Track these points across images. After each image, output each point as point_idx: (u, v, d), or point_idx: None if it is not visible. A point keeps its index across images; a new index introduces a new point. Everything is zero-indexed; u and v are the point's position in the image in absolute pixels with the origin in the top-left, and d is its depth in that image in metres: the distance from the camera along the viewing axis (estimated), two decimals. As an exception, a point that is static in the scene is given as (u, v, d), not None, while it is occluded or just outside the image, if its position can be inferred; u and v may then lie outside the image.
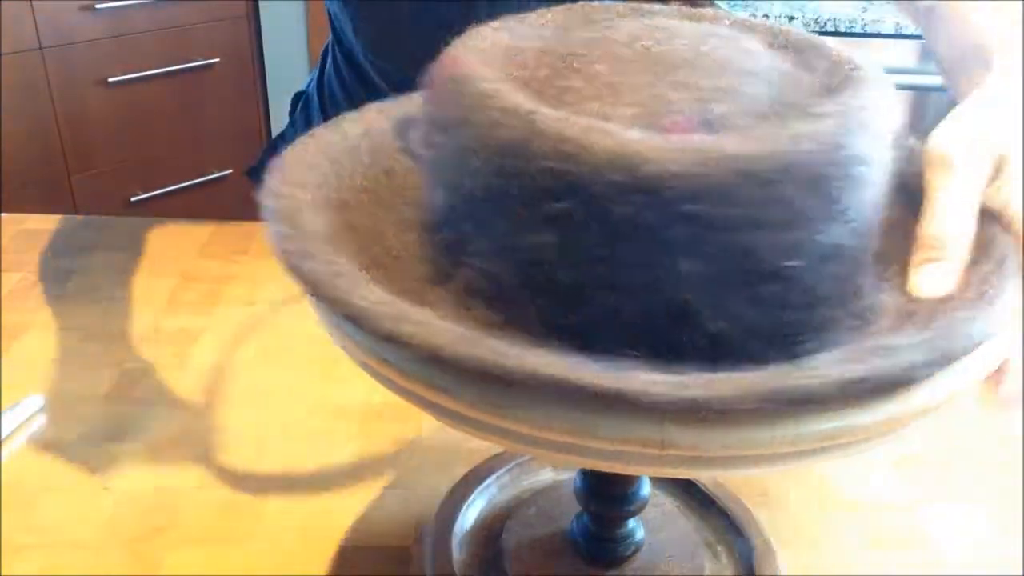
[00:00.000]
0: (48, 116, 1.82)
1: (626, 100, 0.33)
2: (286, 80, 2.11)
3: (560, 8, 0.41)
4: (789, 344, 0.32)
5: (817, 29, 1.78)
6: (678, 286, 0.31)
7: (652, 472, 0.33)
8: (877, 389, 0.28)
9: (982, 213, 0.37)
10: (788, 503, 0.57)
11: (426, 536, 0.50)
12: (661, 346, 0.31)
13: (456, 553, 0.48)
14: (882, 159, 0.34)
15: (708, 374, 0.28)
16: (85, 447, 0.60)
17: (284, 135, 0.97)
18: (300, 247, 0.33)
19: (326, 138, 0.41)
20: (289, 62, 2.16)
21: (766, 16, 1.84)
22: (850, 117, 0.32)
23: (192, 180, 2.07)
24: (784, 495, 0.57)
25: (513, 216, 0.32)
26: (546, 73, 0.35)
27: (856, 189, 0.33)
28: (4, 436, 0.60)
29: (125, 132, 1.94)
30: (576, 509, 0.48)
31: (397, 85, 0.44)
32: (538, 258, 0.32)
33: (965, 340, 0.30)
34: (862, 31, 1.77)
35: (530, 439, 0.30)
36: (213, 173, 2.10)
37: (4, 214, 0.89)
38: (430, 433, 0.62)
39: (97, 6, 1.82)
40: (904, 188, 0.38)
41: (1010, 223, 0.37)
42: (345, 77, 0.86)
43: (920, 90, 1.70)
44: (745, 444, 0.29)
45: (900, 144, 0.37)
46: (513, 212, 0.32)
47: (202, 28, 2.00)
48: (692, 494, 0.53)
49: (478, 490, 0.52)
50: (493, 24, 0.39)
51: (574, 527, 0.48)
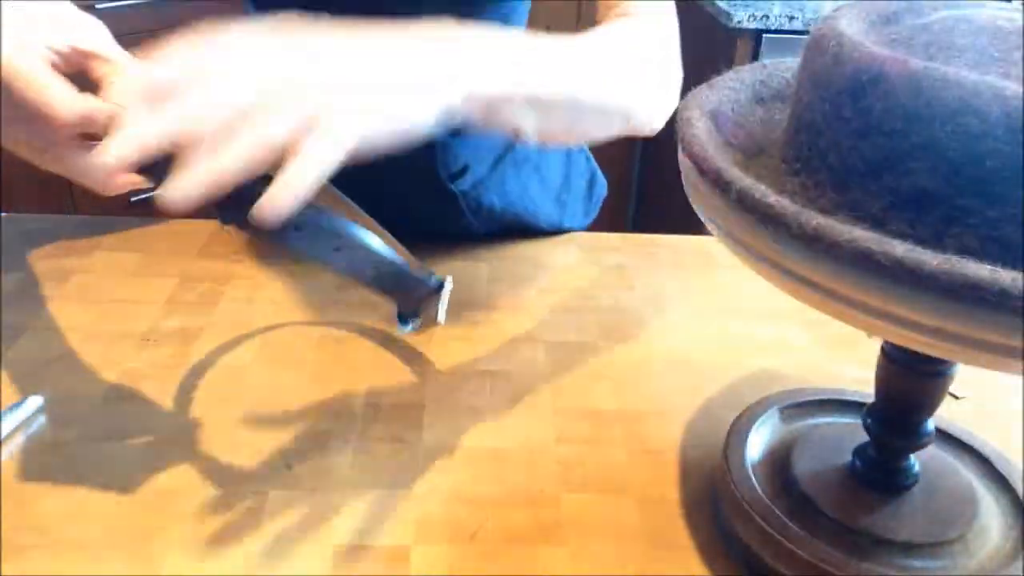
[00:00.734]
0: (48, 116, 1.82)
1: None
2: (286, 80, 2.10)
3: None
4: None
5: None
6: None
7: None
8: None
9: None
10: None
11: (729, 463, 0.55)
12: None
13: (753, 480, 0.54)
14: None
15: None
16: (85, 447, 0.60)
17: None
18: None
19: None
20: (289, 62, 2.15)
21: (766, 16, 1.84)
22: None
23: (192, 180, 2.07)
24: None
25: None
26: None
27: None
28: (4, 436, 0.60)
29: (125, 132, 1.94)
30: (852, 445, 0.54)
31: None
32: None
33: None
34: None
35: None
36: (213, 173, 2.10)
37: (4, 214, 0.89)
38: (430, 433, 0.62)
39: (97, 6, 1.82)
40: None
41: None
42: None
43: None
44: None
45: None
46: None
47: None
48: (965, 448, 0.57)
49: (755, 426, 0.58)
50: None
51: (855, 459, 0.54)
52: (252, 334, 0.72)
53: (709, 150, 0.44)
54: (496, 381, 0.68)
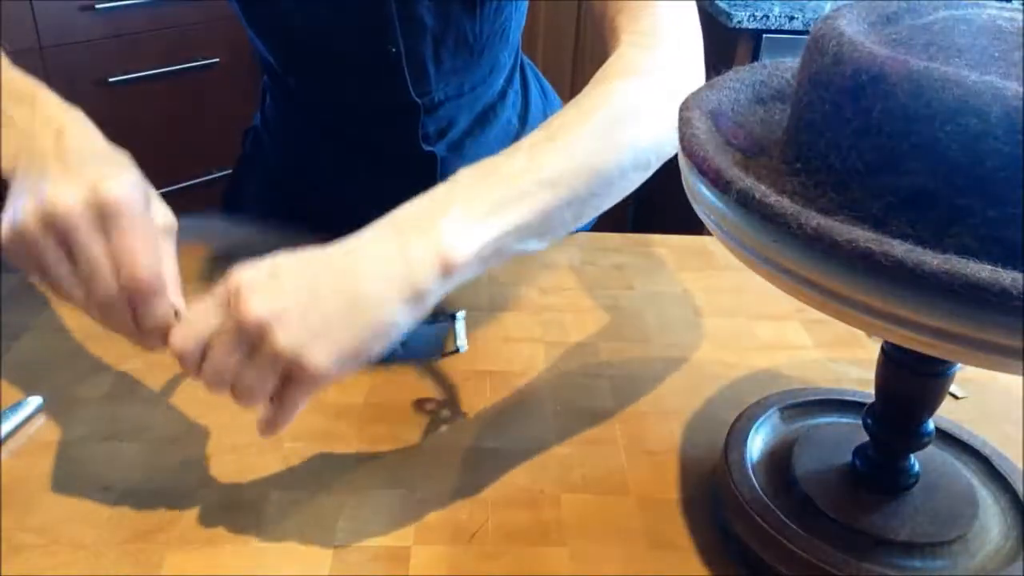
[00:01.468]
0: (48, 116, 1.82)
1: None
2: (286, 80, 2.11)
3: None
4: None
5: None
6: None
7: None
8: None
9: None
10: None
11: (729, 462, 0.55)
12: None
13: (753, 480, 0.54)
14: None
15: None
16: (85, 447, 0.60)
17: (237, 172, 0.99)
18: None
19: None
20: (289, 62, 2.15)
21: (766, 16, 1.84)
22: None
23: (192, 180, 2.07)
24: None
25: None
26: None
27: None
28: (4, 436, 0.60)
29: (125, 132, 1.94)
30: (852, 445, 0.55)
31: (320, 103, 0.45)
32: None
33: None
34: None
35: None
36: (213, 173, 2.10)
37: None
38: (430, 433, 0.62)
39: (97, 6, 1.82)
40: None
41: None
42: (282, 107, 0.91)
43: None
44: None
45: None
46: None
47: (202, 28, 2.00)
48: (965, 448, 0.58)
49: (755, 426, 0.58)
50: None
51: (855, 459, 0.54)
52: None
53: (709, 150, 0.44)
54: (496, 381, 0.68)
